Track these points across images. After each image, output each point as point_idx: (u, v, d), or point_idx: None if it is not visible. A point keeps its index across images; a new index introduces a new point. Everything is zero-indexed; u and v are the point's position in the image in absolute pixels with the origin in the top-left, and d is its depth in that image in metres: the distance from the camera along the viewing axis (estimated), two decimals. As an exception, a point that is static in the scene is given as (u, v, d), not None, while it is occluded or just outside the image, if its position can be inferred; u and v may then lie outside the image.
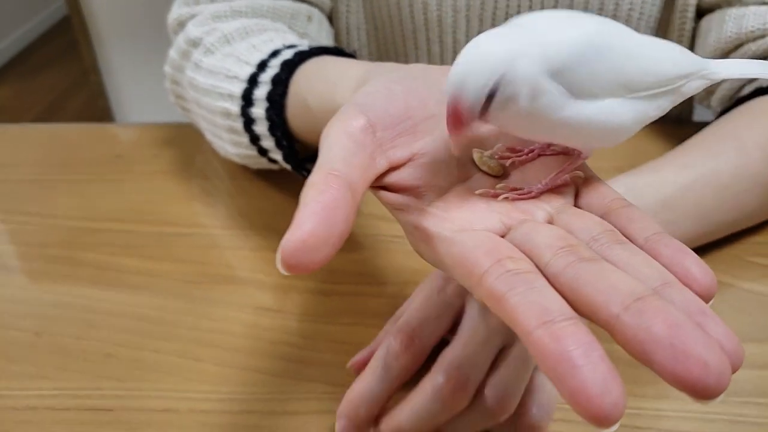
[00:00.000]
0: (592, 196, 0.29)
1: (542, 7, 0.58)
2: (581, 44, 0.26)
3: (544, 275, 0.24)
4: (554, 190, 0.29)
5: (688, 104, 0.63)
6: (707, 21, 0.56)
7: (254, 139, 0.50)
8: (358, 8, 0.63)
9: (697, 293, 0.23)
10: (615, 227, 0.27)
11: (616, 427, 0.20)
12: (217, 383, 0.41)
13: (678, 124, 0.60)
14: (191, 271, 0.49)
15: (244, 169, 0.58)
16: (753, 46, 0.51)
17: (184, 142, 0.63)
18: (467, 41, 0.62)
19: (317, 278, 0.48)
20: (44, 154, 0.65)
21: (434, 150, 0.30)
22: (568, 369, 0.20)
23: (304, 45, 0.50)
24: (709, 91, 0.55)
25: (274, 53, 0.50)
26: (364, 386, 0.35)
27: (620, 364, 0.22)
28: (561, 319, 0.21)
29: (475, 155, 0.31)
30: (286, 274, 0.24)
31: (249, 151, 0.51)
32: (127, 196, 0.57)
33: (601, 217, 0.28)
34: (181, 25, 0.57)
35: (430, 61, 0.63)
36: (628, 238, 0.26)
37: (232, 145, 0.52)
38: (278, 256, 0.24)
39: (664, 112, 0.29)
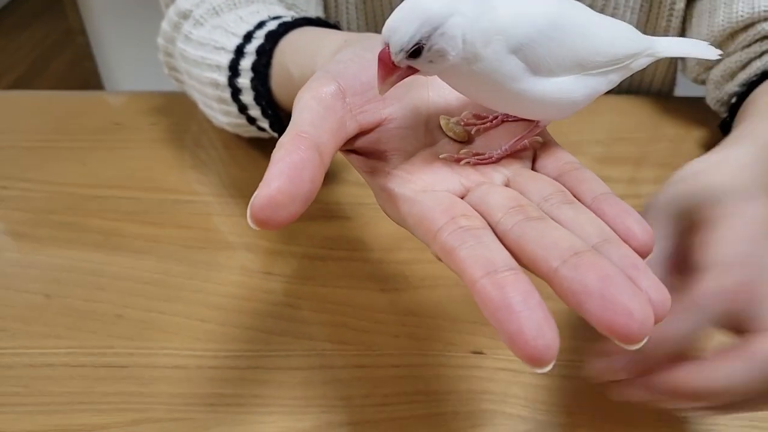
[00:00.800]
0: (548, 159, 0.31)
1: None
2: (543, 23, 0.28)
3: (495, 233, 0.26)
4: (513, 154, 0.31)
5: (669, 78, 0.64)
6: (700, 4, 0.56)
7: (242, 109, 0.51)
8: None
9: (635, 249, 0.25)
10: (567, 188, 0.29)
11: (549, 367, 0.22)
12: (222, 342, 0.44)
13: (658, 97, 0.63)
14: (192, 236, 0.52)
15: (238, 138, 0.60)
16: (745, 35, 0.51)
17: (179, 110, 0.65)
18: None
19: (314, 244, 0.50)
20: (41, 121, 0.66)
21: (402, 116, 0.31)
22: (507, 314, 0.22)
23: (288, 16, 0.51)
24: (707, 67, 0.56)
25: (260, 24, 0.50)
26: None
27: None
28: (504, 270, 0.23)
29: (442, 121, 0.32)
30: (256, 229, 0.25)
31: (238, 120, 0.52)
32: (127, 164, 0.59)
33: (555, 178, 0.29)
34: None
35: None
36: (577, 197, 0.28)
37: (222, 114, 0.53)
38: (248, 211, 0.25)
39: (615, 86, 0.31)
